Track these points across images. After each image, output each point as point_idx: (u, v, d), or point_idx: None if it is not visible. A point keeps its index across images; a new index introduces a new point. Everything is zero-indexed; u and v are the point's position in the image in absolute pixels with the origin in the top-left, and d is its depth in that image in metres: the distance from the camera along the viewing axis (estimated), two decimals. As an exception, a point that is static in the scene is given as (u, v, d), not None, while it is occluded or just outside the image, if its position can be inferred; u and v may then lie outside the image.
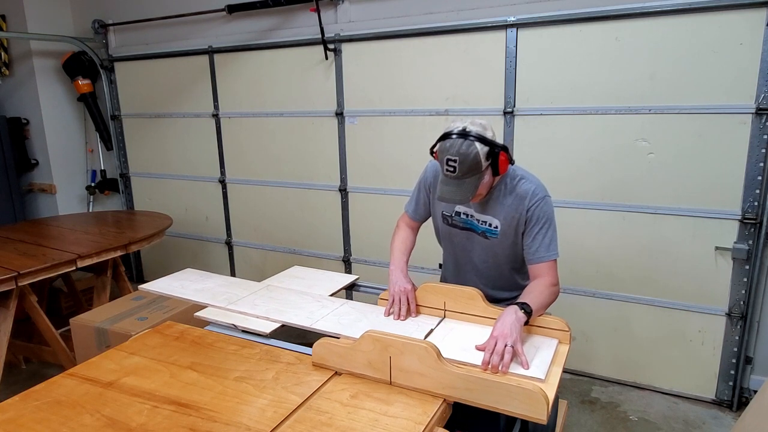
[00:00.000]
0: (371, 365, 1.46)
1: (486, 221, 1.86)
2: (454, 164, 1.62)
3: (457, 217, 1.92)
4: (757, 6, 2.43)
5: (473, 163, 1.62)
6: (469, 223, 1.90)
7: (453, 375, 1.36)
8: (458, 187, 1.65)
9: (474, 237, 1.92)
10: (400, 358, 1.42)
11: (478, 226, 1.89)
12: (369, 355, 1.46)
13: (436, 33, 3.15)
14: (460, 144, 1.62)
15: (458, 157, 1.61)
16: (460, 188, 1.65)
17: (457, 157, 1.61)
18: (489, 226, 1.86)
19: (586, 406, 2.87)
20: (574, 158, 2.95)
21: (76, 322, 2.61)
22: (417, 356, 1.39)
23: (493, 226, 1.85)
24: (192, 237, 4.51)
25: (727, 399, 2.83)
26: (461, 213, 1.90)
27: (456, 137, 1.64)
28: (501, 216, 1.82)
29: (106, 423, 1.27)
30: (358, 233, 3.74)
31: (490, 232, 1.86)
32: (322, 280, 2.25)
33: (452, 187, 1.65)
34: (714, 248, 2.73)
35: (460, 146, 1.62)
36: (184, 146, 4.34)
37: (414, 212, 2.05)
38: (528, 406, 1.28)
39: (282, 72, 3.72)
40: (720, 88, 2.57)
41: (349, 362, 1.50)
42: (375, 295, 2.15)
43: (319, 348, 1.54)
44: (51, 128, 4.58)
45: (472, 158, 1.61)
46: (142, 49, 4.32)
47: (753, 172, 2.57)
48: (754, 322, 2.76)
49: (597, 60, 2.79)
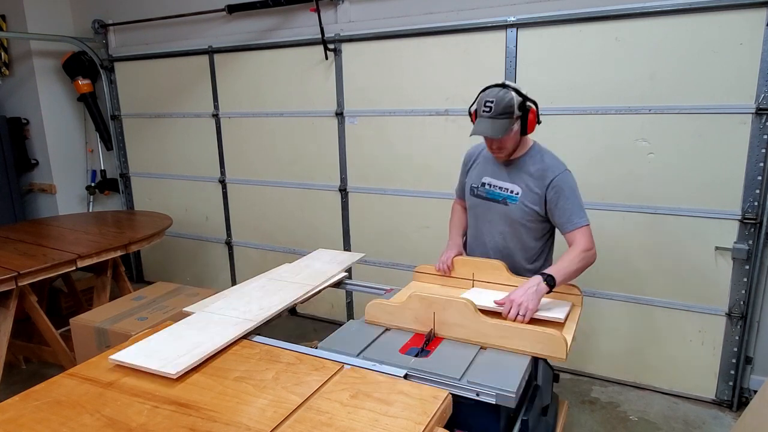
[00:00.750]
0: (418, 320, 1.74)
1: (507, 188, 2.05)
2: (491, 104, 1.87)
3: (482, 188, 2.12)
4: (757, 6, 2.43)
5: (507, 105, 1.87)
6: (491, 193, 2.09)
7: (488, 325, 1.63)
8: (492, 124, 1.87)
9: (494, 206, 2.10)
10: (442, 314, 1.69)
11: (499, 194, 2.07)
12: (416, 312, 1.73)
13: (436, 33, 3.15)
14: (497, 91, 1.90)
15: (495, 99, 1.87)
16: (493, 125, 1.87)
17: (494, 98, 1.87)
18: (510, 193, 2.04)
19: (586, 406, 2.87)
20: (574, 158, 2.93)
21: (76, 322, 2.61)
22: (457, 311, 1.66)
23: (514, 192, 2.03)
24: (192, 237, 4.51)
25: (727, 399, 2.83)
26: (485, 184, 2.11)
27: (495, 87, 1.92)
28: (523, 184, 2.01)
29: (106, 423, 1.27)
30: (358, 233, 3.74)
31: (510, 198, 2.04)
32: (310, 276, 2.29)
33: (486, 124, 1.88)
34: (714, 248, 2.73)
35: (498, 92, 1.89)
36: (184, 146, 4.34)
37: (458, 191, 2.32)
38: (551, 347, 1.54)
39: (282, 72, 3.72)
40: (720, 88, 2.57)
41: (398, 319, 1.78)
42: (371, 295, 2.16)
43: (372, 308, 1.82)
44: (51, 128, 4.59)
45: (507, 101, 1.87)
46: (142, 49, 4.32)
47: (753, 172, 2.57)
48: (754, 322, 2.76)
49: (597, 60, 2.79)
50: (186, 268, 4.63)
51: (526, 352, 1.58)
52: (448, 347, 1.66)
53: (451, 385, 1.46)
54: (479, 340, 1.65)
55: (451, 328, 1.69)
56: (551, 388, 2.04)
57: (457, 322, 1.67)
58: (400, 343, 1.69)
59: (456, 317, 1.67)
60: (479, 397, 1.43)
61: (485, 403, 1.43)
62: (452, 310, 1.68)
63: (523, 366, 1.54)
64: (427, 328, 1.72)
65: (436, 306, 1.70)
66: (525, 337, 1.58)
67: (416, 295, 1.74)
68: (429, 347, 1.66)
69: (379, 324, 1.81)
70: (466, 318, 1.66)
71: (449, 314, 1.68)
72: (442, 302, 1.69)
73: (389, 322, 1.80)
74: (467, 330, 1.66)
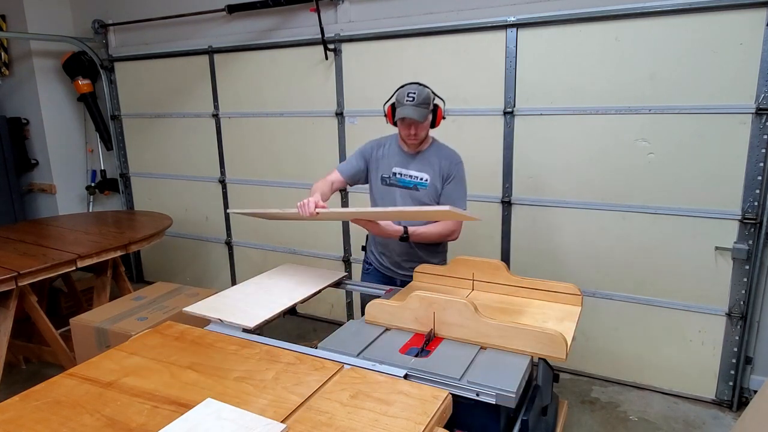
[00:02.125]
0: (418, 320, 1.75)
1: (417, 176, 2.31)
2: (414, 94, 2.15)
3: (393, 177, 2.34)
4: (757, 6, 2.43)
5: (427, 96, 2.19)
6: (402, 181, 2.33)
7: (488, 325, 1.63)
8: (415, 109, 2.14)
9: (405, 193, 2.32)
10: (443, 314, 1.70)
11: (410, 182, 2.31)
12: (416, 312, 1.74)
13: (437, 33, 3.15)
14: (416, 86, 2.20)
15: (416, 91, 2.16)
16: (416, 110, 2.14)
17: (416, 90, 2.16)
18: (420, 180, 2.30)
19: (586, 406, 2.87)
20: (574, 158, 2.95)
21: (76, 322, 2.61)
22: (458, 311, 1.67)
23: (424, 179, 2.30)
24: (192, 237, 4.51)
25: (727, 399, 2.83)
26: (396, 173, 2.33)
27: (412, 83, 2.23)
28: (431, 172, 2.29)
29: (106, 423, 1.27)
30: (358, 233, 3.73)
31: (421, 184, 2.30)
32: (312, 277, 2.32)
33: (411, 109, 2.14)
34: (714, 248, 2.73)
35: (417, 87, 2.20)
36: (184, 146, 4.34)
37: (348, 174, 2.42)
38: (551, 347, 1.55)
39: (282, 72, 3.72)
40: (720, 88, 2.57)
41: (398, 319, 1.79)
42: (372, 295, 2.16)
43: (371, 308, 1.83)
44: (51, 128, 4.58)
45: (426, 94, 2.19)
46: (142, 49, 4.32)
47: (753, 172, 2.57)
48: (754, 322, 2.76)
49: (597, 60, 2.79)
50: (186, 268, 4.63)
51: (526, 351, 1.59)
52: (448, 347, 1.67)
53: (451, 385, 1.46)
54: (479, 340, 1.66)
55: (451, 328, 1.70)
56: (551, 388, 2.04)
57: (457, 322, 1.68)
58: (400, 343, 1.69)
59: (456, 317, 1.68)
60: (479, 397, 1.43)
61: (485, 403, 1.44)
62: (452, 310, 1.68)
63: (523, 366, 1.54)
64: (427, 328, 1.73)
65: (436, 306, 1.71)
66: (525, 337, 1.59)
67: (416, 295, 1.74)
68: (429, 347, 1.66)
69: (379, 324, 1.82)
70: (466, 318, 1.66)
71: (449, 314, 1.69)
72: (442, 302, 1.70)
73: (389, 322, 1.81)
74: (467, 330, 1.67)
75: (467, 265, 2.15)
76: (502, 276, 2.08)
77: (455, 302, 1.68)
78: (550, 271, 3.12)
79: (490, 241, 3.24)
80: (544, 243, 3.12)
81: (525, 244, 3.19)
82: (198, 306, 1.98)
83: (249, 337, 1.75)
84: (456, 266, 2.17)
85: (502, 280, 2.08)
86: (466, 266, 2.15)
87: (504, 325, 1.63)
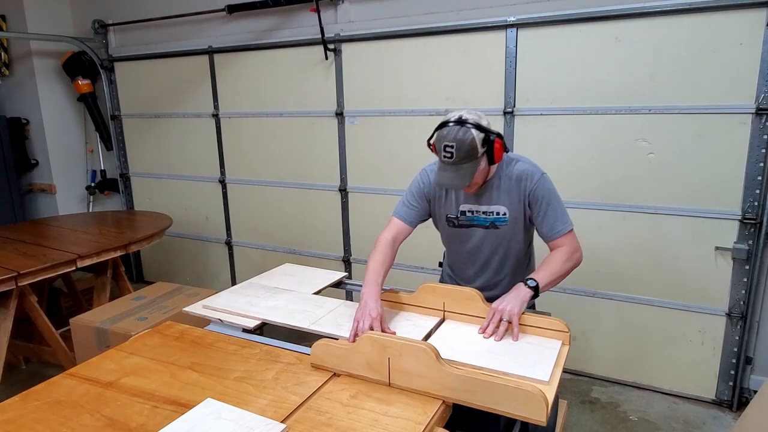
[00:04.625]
0: (370, 366, 1.45)
1: (492, 211, 1.87)
2: (452, 150, 1.66)
3: (463, 217, 1.91)
4: (757, 6, 2.43)
5: (470, 148, 1.66)
6: (475, 219, 1.90)
7: (452, 376, 1.34)
8: (455, 172, 1.69)
9: (482, 232, 1.91)
10: (399, 360, 1.40)
11: (485, 220, 1.89)
12: (368, 356, 1.44)
13: (436, 33, 3.15)
14: (456, 131, 1.67)
15: (455, 143, 1.66)
16: (457, 174, 1.69)
17: (454, 143, 1.66)
18: (497, 215, 1.87)
19: (586, 406, 2.87)
20: (574, 158, 2.95)
21: (76, 322, 2.61)
22: (416, 357, 1.37)
23: (501, 213, 1.86)
24: (192, 237, 4.51)
25: (727, 399, 2.83)
26: (466, 212, 1.90)
27: (453, 125, 1.69)
28: (507, 202, 1.85)
29: (106, 423, 1.27)
30: (358, 233, 3.74)
31: (500, 220, 1.87)
32: (311, 277, 2.29)
33: (450, 173, 1.70)
34: (714, 248, 2.73)
35: (456, 133, 1.67)
36: (184, 146, 4.34)
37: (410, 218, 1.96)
38: (528, 408, 1.26)
39: (282, 72, 3.72)
40: (720, 88, 2.57)
41: (347, 363, 1.48)
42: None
43: (317, 349, 1.53)
44: (51, 128, 4.58)
45: (468, 144, 1.66)
46: (142, 49, 4.32)
47: (753, 172, 2.57)
48: (754, 322, 2.76)
49: (597, 60, 2.79)
50: (186, 268, 4.63)
51: (496, 410, 1.30)
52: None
53: (450, 385, 1.43)
54: (441, 394, 1.37)
55: (408, 377, 1.40)
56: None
57: (416, 371, 1.38)
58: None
59: (414, 365, 1.38)
60: (479, 398, 1.42)
61: (485, 404, 1.42)
62: (410, 357, 1.38)
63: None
64: (381, 376, 1.44)
65: (392, 351, 1.40)
66: (496, 393, 1.29)
67: (368, 336, 1.45)
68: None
69: (326, 368, 1.52)
70: (426, 366, 1.37)
71: (406, 361, 1.39)
72: (398, 346, 1.40)
73: (338, 367, 1.50)
74: (427, 381, 1.38)
75: (437, 293, 1.83)
76: (477, 306, 1.76)
77: (413, 347, 1.38)
78: (550, 271, 3.12)
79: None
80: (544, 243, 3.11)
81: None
82: (198, 306, 1.98)
83: (249, 337, 1.75)
84: (424, 294, 1.85)
85: (476, 311, 1.76)
86: (435, 294, 1.83)
87: (471, 377, 1.33)
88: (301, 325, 1.80)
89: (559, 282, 1.81)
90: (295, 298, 2.05)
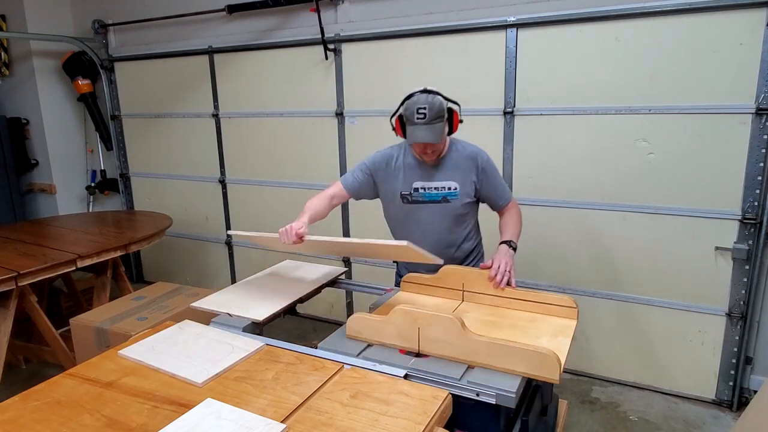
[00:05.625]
0: (401, 336, 1.63)
1: (444, 186, 2.09)
2: (425, 111, 1.88)
3: (416, 193, 2.11)
4: (757, 6, 2.43)
5: (439, 109, 1.90)
6: (428, 195, 2.10)
7: (477, 343, 1.52)
8: (429, 130, 1.90)
9: (433, 207, 2.11)
10: (428, 329, 1.58)
11: (437, 194, 2.09)
12: (399, 327, 1.63)
13: (436, 33, 3.15)
14: (426, 96, 1.92)
15: (427, 105, 1.89)
16: (431, 131, 1.90)
17: (426, 104, 1.89)
18: (449, 190, 2.08)
19: (586, 406, 2.87)
20: (574, 158, 2.95)
21: (76, 322, 2.61)
22: (443, 327, 1.55)
23: (452, 188, 2.08)
24: (192, 237, 4.51)
25: (727, 399, 2.83)
26: (419, 188, 2.10)
27: (420, 93, 1.94)
28: (458, 178, 2.08)
29: (106, 423, 1.27)
30: (358, 233, 3.73)
31: (451, 194, 2.09)
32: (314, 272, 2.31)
33: (424, 130, 1.90)
34: (714, 248, 2.73)
35: (427, 98, 1.91)
36: (184, 146, 4.34)
37: (352, 188, 2.17)
38: (543, 368, 1.44)
39: (282, 72, 3.72)
40: (720, 88, 2.57)
41: (381, 334, 1.67)
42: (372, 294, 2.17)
43: (353, 322, 1.71)
44: (51, 128, 4.59)
45: (438, 105, 1.90)
46: (142, 49, 4.32)
47: (753, 172, 2.57)
48: (754, 322, 2.76)
49: (597, 60, 2.79)
50: (186, 268, 4.63)
51: (516, 371, 1.49)
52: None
53: (451, 385, 1.46)
54: (466, 358, 1.55)
55: (436, 344, 1.59)
56: (551, 388, 2.04)
57: (443, 339, 1.56)
58: (400, 343, 1.68)
59: (441, 333, 1.56)
60: (479, 397, 1.43)
61: (485, 403, 1.43)
62: (437, 326, 1.57)
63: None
64: (412, 345, 1.63)
65: (421, 321, 1.59)
66: (515, 356, 1.48)
67: (400, 309, 1.63)
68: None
69: (361, 339, 1.71)
70: (452, 335, 1.55)
71: (434, 330, 1.58)
72: (427, 317, 1.59)
73: (371, 338, 1.69)
74: (453, 347, 1.56)
75: (457, 275, 2.02)
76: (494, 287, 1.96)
77: (441, 318, 1.56)
78: (550, 271, 3.12)
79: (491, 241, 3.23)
80: (544, 243, 3.12)
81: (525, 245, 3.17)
82: (205, 301, 1.99)
83: (249, 337, 1.75)
84: (445, 276, 2.03)
85: (493, 291, 1.96)
86: (456, 276, 2.02)
87: (492, 342, 1.51)
88: None
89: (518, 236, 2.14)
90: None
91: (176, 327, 1.77)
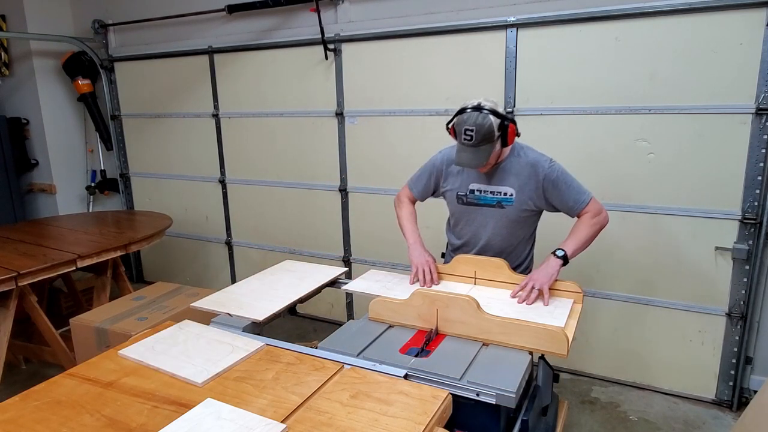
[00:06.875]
0: (420, 317, 1.77)
1: (500, 191, 2.07)
2: (471, 133, 1.86)
3: (472, 195, 2.12)
4: (757, 6, 2.43)
5: (487, 132, 1.86)
6: (482, 198, 2.10)
7: (491, 322, 1.65)
8: (474, 154, 1.89)
9: (488, 211, 2.11)
10: (445, 311, 1.72)
11: (492, 199, 2.09)
12: (419, 309, 1.77)
13: (436, 33, 3.15)
14: (476, 116, 1.87)
15: (475, 127, 1.85)
16: (475, 155, 1.89)
17: (474, 127, 1.85)
18: (504, 195, 2.07)
19: (586, 406, 2.87)
20: (573, 158, 2.94)
21: (76, 322, 2.61)
22: (460, 308, 1.69)
23: (508, 194, 2.06)
24: (192, 237, 4.51)
25: (727, 399, 2.83)
26: (474, 191, 2.11)
27: (471, 111, 1.89)
28: (516, 184, 2.04)
29: (106, 423, 1.27)
30: (358, 233, 3.74)
31: (506, 200, 2.07)
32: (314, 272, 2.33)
33: (469, 154, 1.90)
34: (714, 248, 2.73)
35: (476, 118, 1.86)
36: (184, 146, 4.34)
37: (419, 193, 2.29)
38: (552, 344, 1.57)
39: (282, 72, 3.72)
40: (720, 88, 2.57)
41: (401, 316, 1.81)
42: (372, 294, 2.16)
43: (375, 305, 1.85)
44: (51, 128, 4.58)
45: (486, 128, 1.85)
46: (142, 49, 4.32)
47: (753, 172, 2.57)
48: (754, 322, 2.76)
49: (597, 60, 2.79)
50: (186, 268, 4.63)
51: (527, 347, 1.61)
52: (448, 346, 1.66)
53: (451, 385, 1.46)
54: (481, 336, 1.68)
55: (453, 324, 1.72)
56: (551, 388, 2.04)
57: (460, 319, 1.70)
58: (400, 343, 1.69)
59: (458, 314, 1.70)
60: (479, 397, 1.43)
61: (485, 403, 1.44)
62: (455, 307, 1.71)
63: (523, 366, 1.54)
64: (430, 325, 1.75)
65: (439, 303, 1.73)
66: (526, 333, 1.60)
67: (419, 292, 1.77)
68: (429, 347, 1.66)
69: (383, 321, 1.85)
70: (468, 314, 1.68)
71: (452, 311, 1.71)
72: (445, 299, 1.72)
73: (392, 319, 1.83)
74: (469, 326, 1.69)
75: (469, 264, 2.14)
76: (504, 274, 2.08)
77: (458, 299, 1.70)
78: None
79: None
80: (545, 243, 3.11)
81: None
82: (205, 301, 1.99)
83: (249, 337, 1.75)
84: (458, 264, 2.16)
85: (503, 278, 2.08)
86: (468, 264, 2.14)
87: (506, 321, 1.64)
88: None
89: (589, 244, 2.07)
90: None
91: (176, 327, 1.77)
